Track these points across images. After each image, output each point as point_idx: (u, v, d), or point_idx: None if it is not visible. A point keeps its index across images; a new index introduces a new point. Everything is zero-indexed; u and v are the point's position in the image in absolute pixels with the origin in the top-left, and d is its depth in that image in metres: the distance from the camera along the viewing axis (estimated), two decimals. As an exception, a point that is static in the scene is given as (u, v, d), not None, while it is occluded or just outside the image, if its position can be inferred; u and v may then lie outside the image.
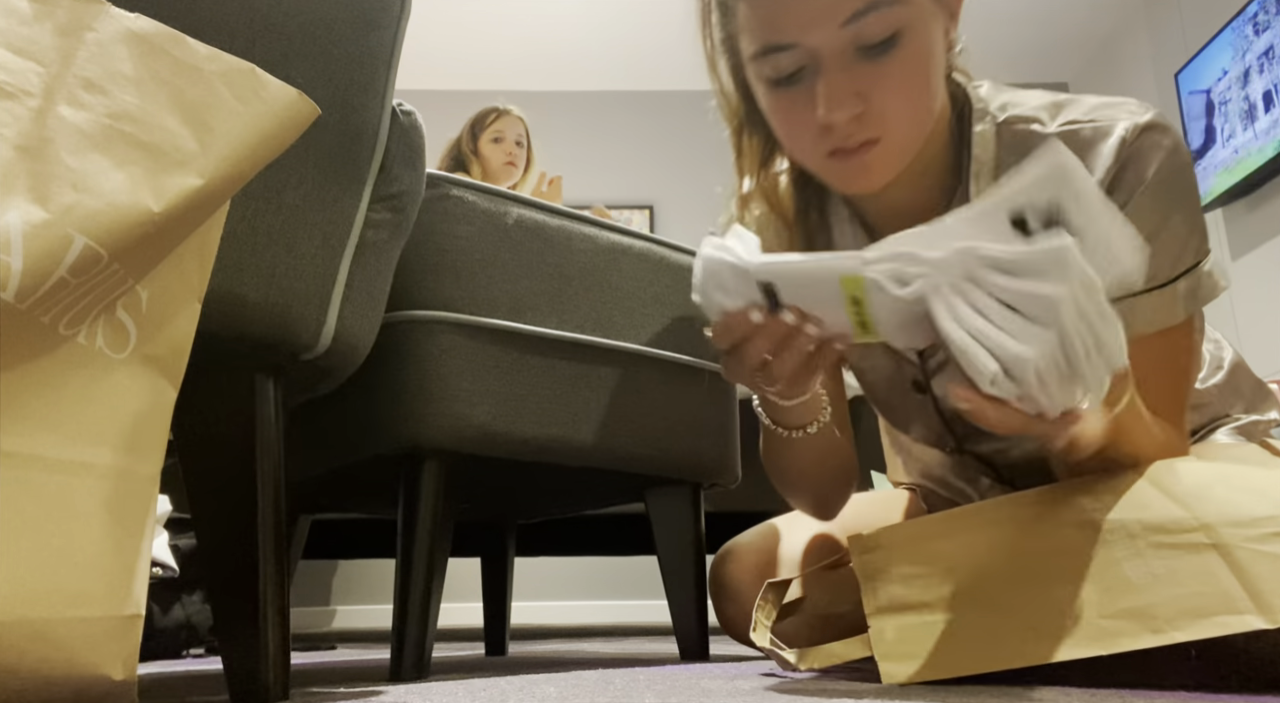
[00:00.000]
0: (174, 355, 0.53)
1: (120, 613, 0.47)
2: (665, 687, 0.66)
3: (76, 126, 0.45)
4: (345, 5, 0.71)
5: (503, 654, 1.35)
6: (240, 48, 0.64)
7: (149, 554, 0.50)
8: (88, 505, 0.46)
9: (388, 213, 0.75)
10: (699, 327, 1.11)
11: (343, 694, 0.69)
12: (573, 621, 3.47)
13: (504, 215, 0.95)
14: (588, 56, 3.97)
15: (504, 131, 2.47)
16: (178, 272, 0.52)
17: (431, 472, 0.89)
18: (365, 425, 0.91)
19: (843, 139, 0.69)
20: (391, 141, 0.76)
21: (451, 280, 0.91)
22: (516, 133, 2.48)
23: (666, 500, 1.08)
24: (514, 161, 2.46)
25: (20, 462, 0.44)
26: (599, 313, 1.01)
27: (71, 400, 0.46)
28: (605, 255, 1.03)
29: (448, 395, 0.87)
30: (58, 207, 0.43)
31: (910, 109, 0.70)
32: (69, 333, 0.46)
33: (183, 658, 1.54)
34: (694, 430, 1.05)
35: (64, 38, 0.46)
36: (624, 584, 3.56)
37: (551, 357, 0.95)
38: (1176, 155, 0.73)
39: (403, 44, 0.76)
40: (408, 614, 0.86)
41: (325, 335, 0.69)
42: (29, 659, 0.43)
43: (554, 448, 0.94)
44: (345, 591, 3.45)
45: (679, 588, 1.06)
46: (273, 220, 0.66)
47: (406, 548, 0.88)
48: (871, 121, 0.68)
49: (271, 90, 0.52)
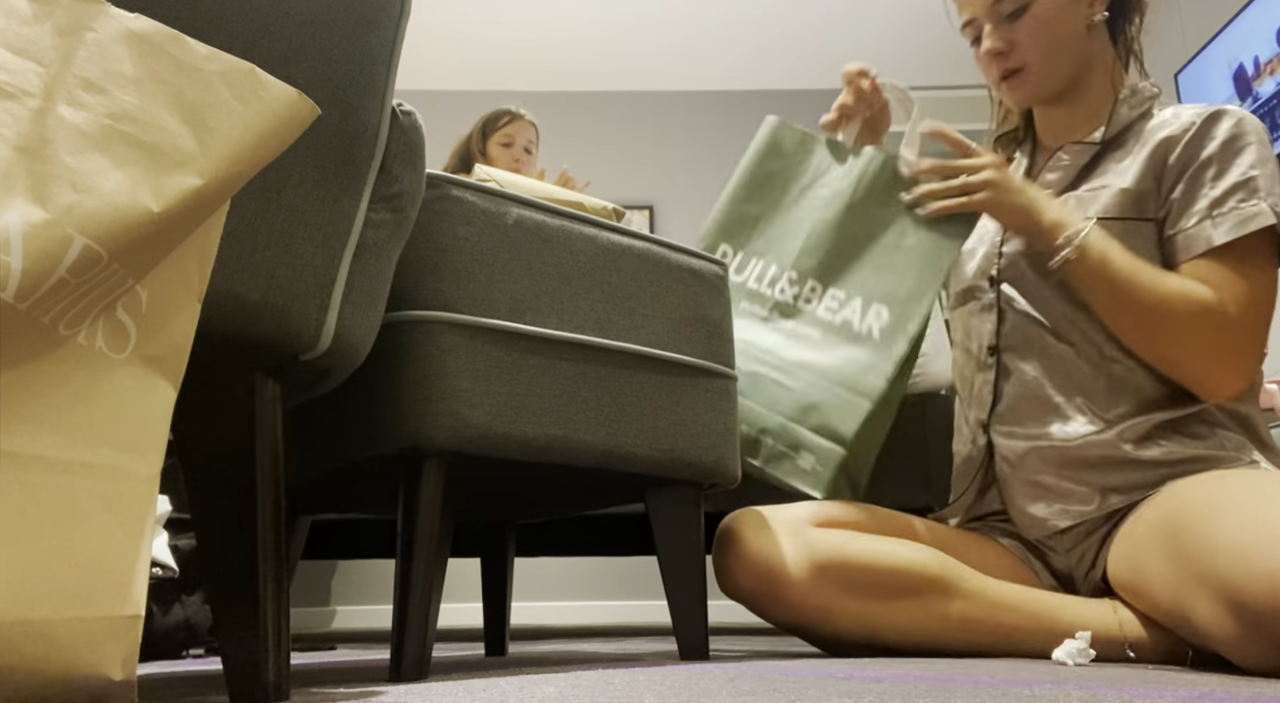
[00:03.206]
0: (174, 355, 0.53)
1: (120, 613, 0.47)
2: (665, 687, 0.66)
3: (76, 126, 0.45)
4: (345, 5, 0.71)
5: (503, 654, 1.36)
6: (240, 48, 0.64)
7: (149, 554, 0.50)
8: (88, 506, 0.46)
9: (388, 213, 0.75)
10: None
11: (343, 694, 0.70)
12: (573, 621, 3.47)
13: (504, 215, 0.95)
14: (588, 57, 3.97)
15: (514, 136, 2.47)
16: (178, 272, 0.52)
17: (431, 472, 0.89)
18: (365, 425, 0.90)
19: (1000, 68, 1.17)
20: (391, 142, 0.76)
21: (451, 280, 0.91)
22: (527, 139, 2.48)
23: (666, 501, 1.08)
24: (520, 169, 2.45)
25: (20, 462, 0.44)
26: (599, 313, 1.01)
27: (71, 401, 0.46)
28: (605, 255, 1.03)
29: (448, 395, 0.87)
30: (57, 207, 0.43)
31: (1037, 51, 1.14)
32: (69, 333, 0.46)
33: (183, 658, 1.54)
34: (694, 431, 1.05)
35: (64, 38, 0.46)
36: (624, 584, 3.56)
37: (551, 357, 0.95)
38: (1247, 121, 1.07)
39: (403, 44, 0.76)
40: (408, 614, 0.86)
41: (325, 336, 0.69)
42: (28, 659, 0.43)
43: (554, 448, 0.94)
44: (345, 591, 3.45)
45: (679, 588, 1.06)
46: (273, 220, 0.66)
47: (406, 548, 0.88)
48: (1013, 57, 1.15)
49: (271, 90, 0.52)
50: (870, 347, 1.15)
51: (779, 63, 4.03)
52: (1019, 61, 1.15)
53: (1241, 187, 1.01)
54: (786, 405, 1.16)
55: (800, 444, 1.14)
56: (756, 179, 1.28)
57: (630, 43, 3.88)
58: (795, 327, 1.20)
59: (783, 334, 1.20)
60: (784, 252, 1.24)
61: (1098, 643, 0.96)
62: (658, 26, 3.77)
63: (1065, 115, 1.20)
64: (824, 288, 1.20)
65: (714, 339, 1.11)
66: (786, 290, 1.22)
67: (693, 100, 4.15)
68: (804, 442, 1.14)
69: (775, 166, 1.27)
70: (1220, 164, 1.03)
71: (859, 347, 1.16)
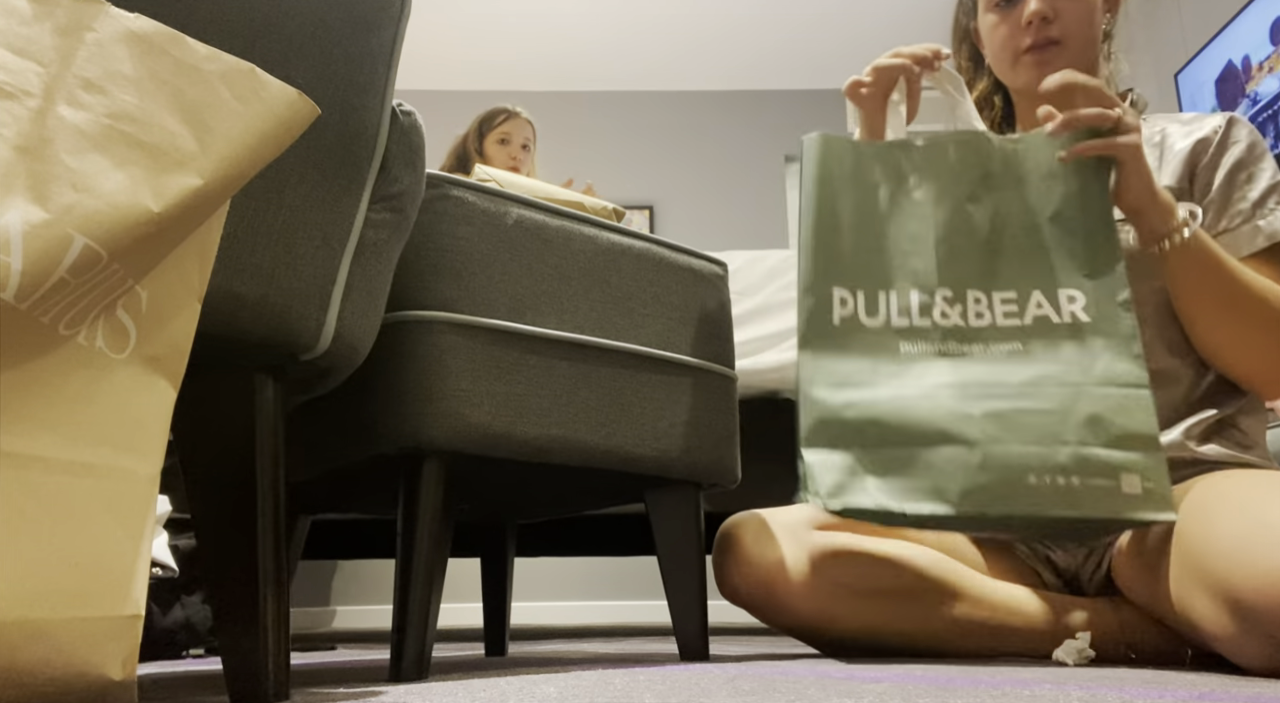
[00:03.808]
0: (174, 355, 0.53)
1: (120, 613, 0.47)
2: (665, 687, 0.66)
3: (76, 126, 0.45)
4: (345, 6, 0.71)
5: (503, 654, 1.35)
6: (240, 48, 0.64)
7: (149, 554, 0.50)
8: (88, 506, 0.46)
9: (388, 213, 0.75)
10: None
11: (343, 694, 0.70)
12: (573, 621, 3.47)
13: (504, 216, 0.95)
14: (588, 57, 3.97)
15: (511, 134, 2.46)
16: (178, 272, 0.52)
17: (431, 472, 0.89)
18: (365, 425, 0.90)
19: (1036, 36, 1.11)
20: (391, 142, 0.76)
21: (451, 280, 0.91)
22: (524, 137, 2.47)
23: (666, 501, 1.08)
24: (517, 166, 2.44)
25: (20, 462, 0.44)
26: (599, 313, 1.01)
27: (71, 401, 0.46)
28: (605, 255, 1.03)
29: (448, 395, 0.87)
30: (57, 207, 0.43)
31: (1081, 28, 1.11)
32: (69, 333, 0.46)
33: (183, 658, 1.54)
34: (694, 431, 1.05)
35: (64, 38, 0.46)
36: (624, 584, 3.56)
37: (551, 357, 0.95)
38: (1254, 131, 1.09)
39: (402, 44, 0.76)
40: (408, 614, 0.86)
41: (325, 335, 0.69)
42: (28, 659, 0.43)
43: (554, 448, 0.94)
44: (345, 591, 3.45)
45: (679, 588, 1.06)
46: (273, 220, 0.66)
47: (406, 548, 0.88)
48: (1056, 27, 1.10)
49: (271, 90, 0.52)
50: (1091, 333, 0.98)
51: (779, 63, 4.03)
52: (1061, 32, 1.10)
53: (1275, 190, 1.05)
54: (1064, 431, 0.93)
55: (1113, 467, 0.91)
56: (830, 207, 1.06)
57: (630, 43, 3.88)
58: (987, 347, 1.00)
59: (982, 360, 0.99)
60: (917, 272, 1.03)
61: (1098, 643, 0.96)
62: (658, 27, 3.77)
63: None
64: (988, 296, 1.01)
65: (714, 339, 1.11)
66: (950, 313, 1.01)
67: (693, 100, 4.15)
68: (1115, 463, 0.91)
69: (843, 186, 1.07)
70: (1251, 167, 1.06)
71: (1078, 339, 0.98)
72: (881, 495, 0.92)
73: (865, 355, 0.99)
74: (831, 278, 1.02)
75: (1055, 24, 1.10)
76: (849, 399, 0.97)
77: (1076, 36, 1.11)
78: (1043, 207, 1.02)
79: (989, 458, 0.91)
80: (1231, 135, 1.08)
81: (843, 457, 0.94)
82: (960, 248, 1.03)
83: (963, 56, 1.28)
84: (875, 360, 0.99)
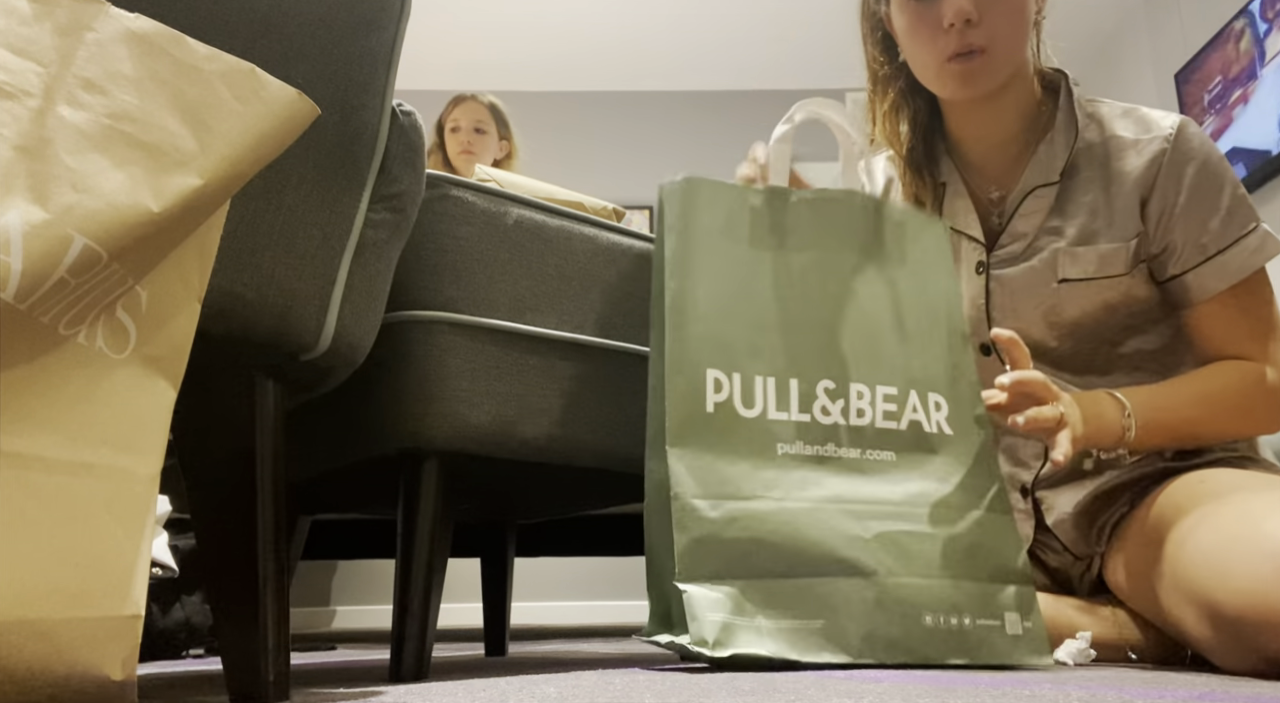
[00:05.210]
0: (174, 355, 0.53)
1: (120, 613, 0.47)
2: (665, 687, 0.66)
3: (76, 127, 0.45)
4: (345, 5, 0.71)
5: (503, 655, 1.35)
6: (240, 48, 0.64)
7: (149, 554, 0.50)
8: (88, 506, 0.46)
9: (388, 213, 0.75)
10: None
11: (343, 694, 0.70)
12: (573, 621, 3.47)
13: (504, 216, 0.95)
14: (587, 57, 3.97)
15: (460, 120, 2.37)
16: (178, 272, 0.52)
17: (431, 472, 0.89)
18: (365, 425, 0.91)
19: (959, 43, 0.96)
20: (391, 142, 0.76)
21: (451, 280, 0.91)
22: (475, 120, 2.38)
23: (666, 501, 1.08)
24: (470, 150, 2.35)
25: (20, 462, 0.44)
26: (599, 313, 1.01)
27: (71, 400, 0.46)
28: (605, 255, 1.03)
29: (448, 395, 0.87)
30: (57, 207, 0.43)
31: (1009, 33, 0.97)
32: (69, 333, 0.46)
33: (183, 658, 1.54)
34: (694, 431, 1.05)
35: (64, 38, 0.46)
36: (624, 584, 3.56)
37: (551, 357, 0.95)
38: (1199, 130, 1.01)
39: (403, 44, 0.76)
40: (408, 614, 0.86)
41: (325, 335, 0.69)
42: (28, 659, 0.43)
43: (554, 448, 0.94)
44: (345, 591, 3.45)
45: (679, 588, 1.06)
46: (273, 220, 0.66)
47: (406, 548, 0.88)
48: (981, 33, 0.96)
49: (271, 90, 0.52)
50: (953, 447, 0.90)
51: (779, 63, 4.03)
52: (986, 38, 0.96)
53: (1234, 213, 0.97)
54: (949, 561, 0.84)
55: (998, 605, 0.85)
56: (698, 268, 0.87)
57: (631, 43, 3.88)
58: (863, 454, 0.87)
59: (859, 471, 0.86)
60: (796, 355, 0.88)
61: (1098, 643, 0.96)
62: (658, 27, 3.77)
63: (993, 114, 1.04)
64: (872, 390, 0.89)
65: (714, 339, 1.11)
66: (830, 409, 0.87)
67: (693, 100, 4.15)
68: (998, 600, 0.85)
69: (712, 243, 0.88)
70: (1208, 192, 0.98)
71: (945, 453, 0.90)
72: (774, 641, 0.77)
73: (743, 455, 0.83)
74: (704, 356, 0.84)
75: (980, 28, 0.96)
76: (730, 513, 0.80)
77: (1004, 40, 0.97)
78: (920, 294, 0.94)
79: (885, 593, 0.81)
80: (1185, 151, 0.98)
81: (728, 591, 0.78)
82: (847, 330, 0.90)
83: (875, 47, 1.09)
84: (754, 463, 0.83)
